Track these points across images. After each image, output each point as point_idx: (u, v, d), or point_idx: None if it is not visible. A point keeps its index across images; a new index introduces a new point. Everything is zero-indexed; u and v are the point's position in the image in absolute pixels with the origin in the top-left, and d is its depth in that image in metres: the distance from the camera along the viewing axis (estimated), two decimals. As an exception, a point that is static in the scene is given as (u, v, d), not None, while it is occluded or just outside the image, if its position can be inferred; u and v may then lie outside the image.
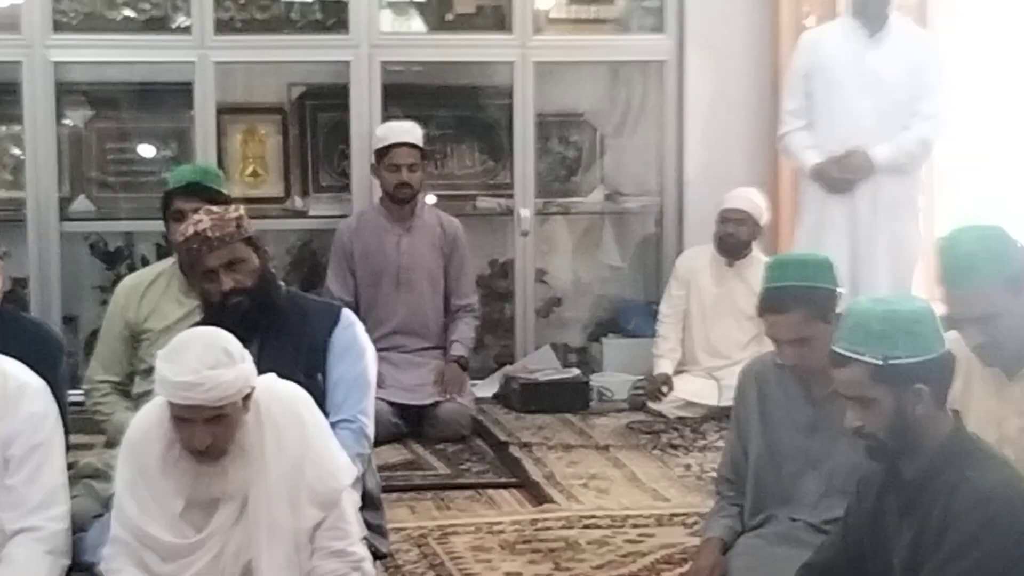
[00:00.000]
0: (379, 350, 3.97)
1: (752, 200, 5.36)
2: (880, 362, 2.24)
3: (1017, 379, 2.78)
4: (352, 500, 3.06)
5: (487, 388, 5.74)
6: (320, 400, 3.21)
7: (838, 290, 3.04)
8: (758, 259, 5.05)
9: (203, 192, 3.74)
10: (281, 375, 2.97)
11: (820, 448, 3.04)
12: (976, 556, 2.20)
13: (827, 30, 5.23)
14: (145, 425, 2.80)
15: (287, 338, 3.31)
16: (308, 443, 2.92)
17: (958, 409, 2.46)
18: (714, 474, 3.95)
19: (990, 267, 2.72)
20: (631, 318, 6.17)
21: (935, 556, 2.23)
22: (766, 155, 5.82)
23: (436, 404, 5.08)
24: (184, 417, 2.59)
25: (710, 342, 5.43)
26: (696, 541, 3.57)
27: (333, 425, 3.20)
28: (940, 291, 2.93)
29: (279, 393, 2.92)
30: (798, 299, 2.93)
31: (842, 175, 4.86)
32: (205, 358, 2.54)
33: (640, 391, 5.52)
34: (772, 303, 2.98)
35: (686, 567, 3.46)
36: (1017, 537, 2.24)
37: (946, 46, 5.36)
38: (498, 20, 6.10)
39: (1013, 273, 2.74)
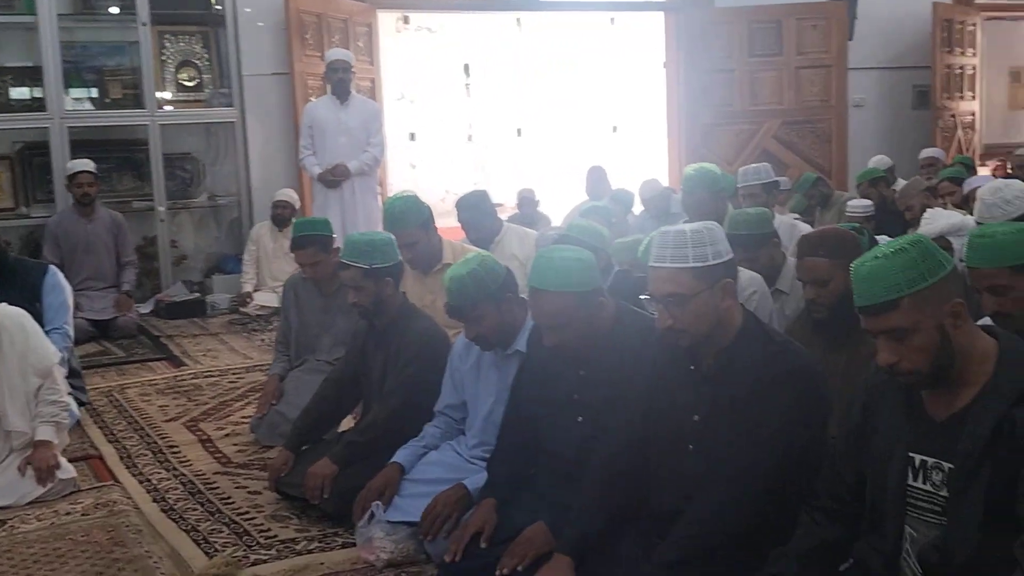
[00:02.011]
0: (76, 290, 5.70)
1: (292, 195, 7.79)
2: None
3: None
4: (60, 372, 4.11)
5: (146, 308, 7.52)
6: (40, 319, 4.36)
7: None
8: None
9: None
10: (12, 304, 4.00)
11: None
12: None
13: (320, 101, 7.36)
14: None
15: (14, 282, 4.68)
16: (28, 339, 3.91)
17: None
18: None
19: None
20: (228, 263, 8.19)
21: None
22: (296, 170, 7.93)
23: (115, 318, 6.88)
24: None
25: (271, 273, 7.66)
26: (264, 378, 4.92)
27: (49, 331, 4.38)
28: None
29: (9, 312, 3.91)
30: (314, 241, 4.42)
31: (334, 178, 7.11)
32: None
33: (235, 302, 7.60)
34: (298, 242, 4.41)
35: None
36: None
37: (381, 108, 7.97)
38: (138, 100, 7.78)
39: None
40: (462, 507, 3.09)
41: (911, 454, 2.19)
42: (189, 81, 8.30)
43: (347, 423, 4.09)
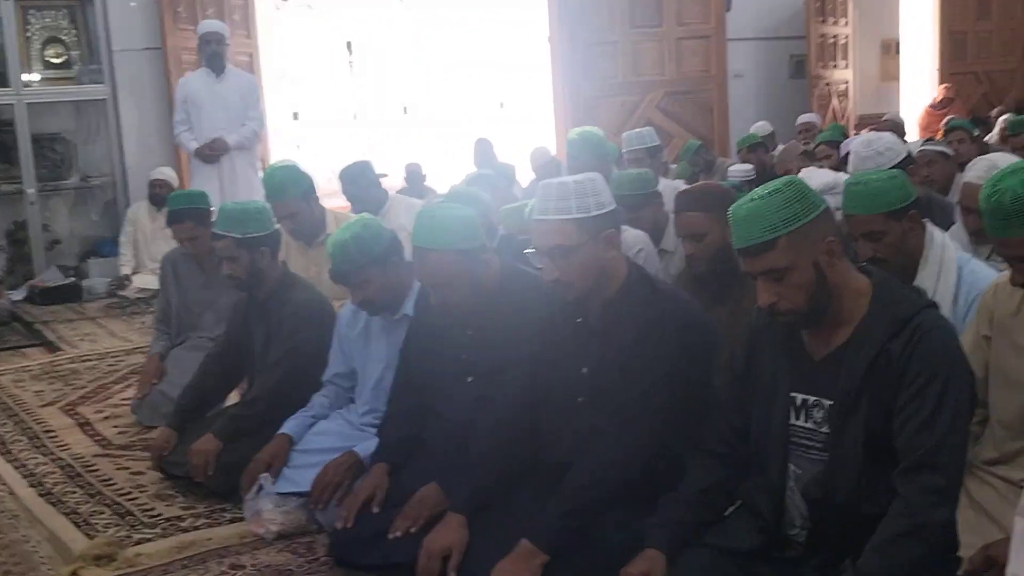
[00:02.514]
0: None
1: (169, 173, 7.53)
2: None
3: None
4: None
5: (18, 294, 7.30)
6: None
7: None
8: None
9: None
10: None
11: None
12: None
13: (195, 74, 7.13)
14: None
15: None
16: None
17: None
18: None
19: None
20: (104, 246, 7.97)
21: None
22: (173, 148, 7.76)
23: (-15, 306, 6.37)
24: None
25: (150, 254, 7.30)
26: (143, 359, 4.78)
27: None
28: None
29: None
30: (191, 214, 4.35)
31: (212, 153, 6.92)
32: None
33: (113, 286, 7.37)
34: (174, 216, 4.37)
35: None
36: None
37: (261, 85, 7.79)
38: (3, 79, 7.58)
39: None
40: (353, 474, 3.05)
41: (793, 393, 2.23)
42: (56, 58, 8.09)
43: (234, 399, 4.03)
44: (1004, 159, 3.30)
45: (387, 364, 3.27)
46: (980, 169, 3.27)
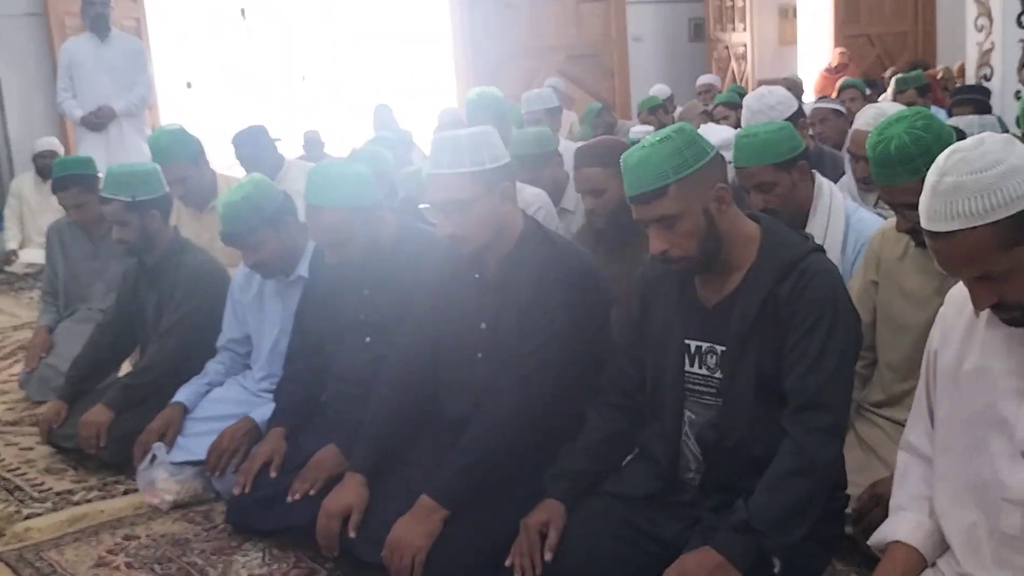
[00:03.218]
0: None
1: (54, 143, 7.31)
2: None
3: None
4: None
5: None
6: None
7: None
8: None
9: None
10: None
11: None
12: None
13: (78, 39, 6.87)
14: None
15: None
16: None
17: None
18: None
19: None
20: None
21: None
22: (58, 116, 7.54)
23: None
24: None
25: (37, 227, 6.94)
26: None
27: None
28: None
29: None
30: (76, 180, 4.19)
31: (98, 120, 6.64)
32: None
33: None
34: (59, 183, 4.23)
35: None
36: None
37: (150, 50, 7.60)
38: None
39: None
40: (250, 440, 3.02)
41: (687, 341, 2.27)
42: (-69, 25, 7.57)
43: (127, 369, 3.90)
44: (892, 107, 3.40)
45: (282, 328, 3.23)
46: (869, 117, 3.37)
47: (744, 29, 10.97)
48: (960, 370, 1.83)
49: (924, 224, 1.68)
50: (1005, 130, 5.67)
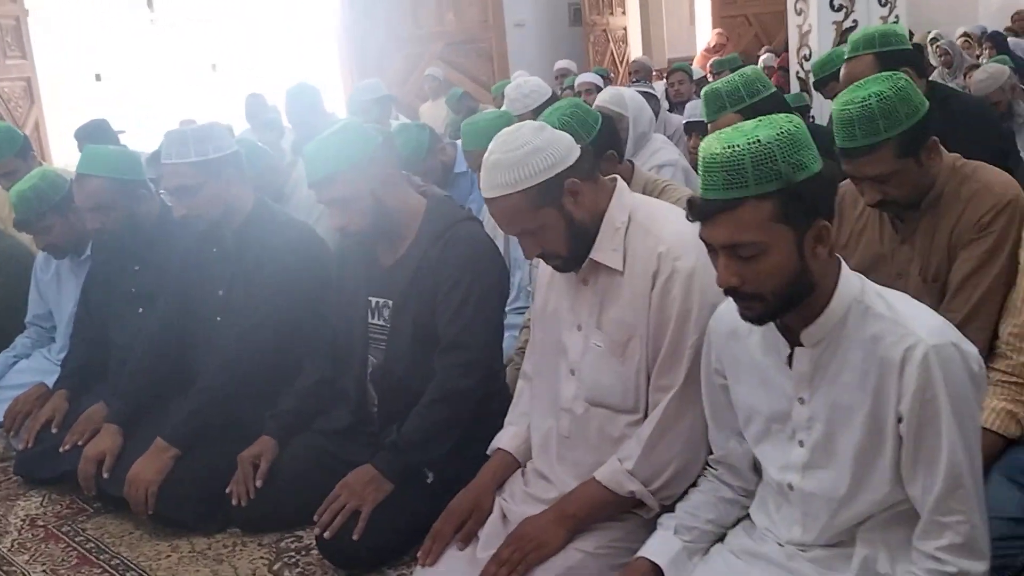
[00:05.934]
0: None
1: None
2: None
3: None
4: None
5: None
6: None
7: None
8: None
9: None
10: None
11: None
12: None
13: None
14: None
15: None
16: None
17: None
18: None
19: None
20: None
21: None
22: None
23: None
24: None
25: None
26: None
27: None
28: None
29: None
30: None
31: None
32: None
33: None
34: None
35: None
36: None
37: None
38: None
39: None
40: (41, 403, 3.40)
41: (369, 297, 2.73)
42: None
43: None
44: (629, 93, 3.82)
45: (76, 304, 3.61)
46: (606, 95, 3.76)
47: (623, 12, 11.42)
48: (545, 311, 2.29)
49: (483, 192, 2.12)
50: (807, 105, 6.24)
